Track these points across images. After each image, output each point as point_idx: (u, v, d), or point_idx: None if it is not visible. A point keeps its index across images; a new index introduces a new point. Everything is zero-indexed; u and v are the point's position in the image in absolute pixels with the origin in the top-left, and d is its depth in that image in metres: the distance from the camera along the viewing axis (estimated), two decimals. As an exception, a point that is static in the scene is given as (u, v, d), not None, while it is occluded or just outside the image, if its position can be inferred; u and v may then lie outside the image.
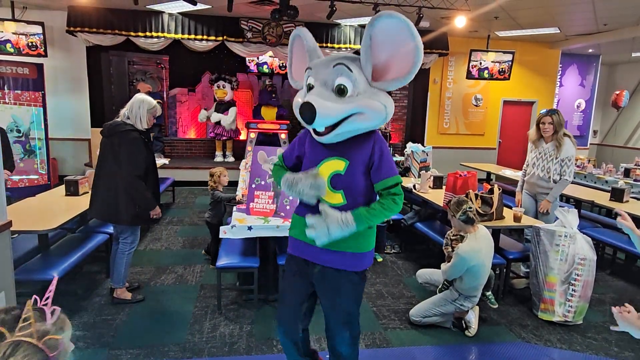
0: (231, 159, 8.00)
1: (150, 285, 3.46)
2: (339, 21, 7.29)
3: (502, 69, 8.04)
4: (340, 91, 1.66)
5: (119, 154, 2.82)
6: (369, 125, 1.73)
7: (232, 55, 7.70)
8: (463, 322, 2.93)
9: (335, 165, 1.75)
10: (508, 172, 6.06)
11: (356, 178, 1.75)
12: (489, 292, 2.99)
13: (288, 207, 3.07)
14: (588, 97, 9.84)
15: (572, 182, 6.12)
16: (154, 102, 3.01)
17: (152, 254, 4.18)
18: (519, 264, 3.84)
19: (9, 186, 5.66)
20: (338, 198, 1.75)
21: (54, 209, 3.30)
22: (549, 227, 3.14)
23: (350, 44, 7.55)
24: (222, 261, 3.02)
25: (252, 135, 7.44)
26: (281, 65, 8.62)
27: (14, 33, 6.41)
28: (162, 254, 4.19)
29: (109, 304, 3.12)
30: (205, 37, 7.15)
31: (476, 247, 2.77)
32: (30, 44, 6.53)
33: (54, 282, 0.95)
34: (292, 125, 7.88)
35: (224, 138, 7.86)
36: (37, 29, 6.54)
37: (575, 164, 6.82)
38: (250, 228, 2.89)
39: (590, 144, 10.21)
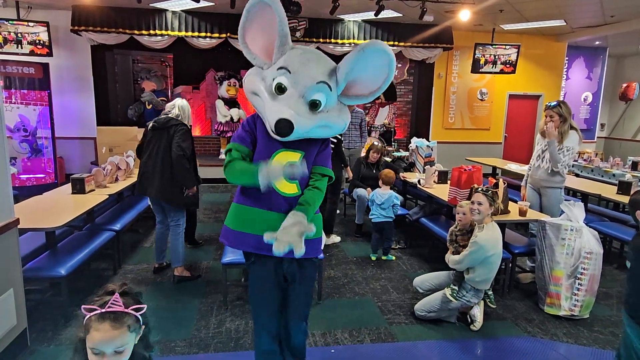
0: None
1: (157, 282, 3.49)
2: (342, 16, 7.26)
3: (507, 61, 7.98)
4: (314, 105, 1.69)
5: (172, 141, 3.30)
6: (326, 136, 1.84)
7: (236, 52, 7.69)
8: (468, 316, 2.92)
9: (289, 156, 1.76)
10: (514, 167, 6.03)
11: (308, 169, 1.81)
12: (490, 291, 2.96)
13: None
14: (595, 90, 9.73)
15: (579, 176, 6.11)
16: None
17: (158, 251, 4.21)
18: (525, 258, 3.82)
19: (16, 185, 5.72)
20: (293, 188, 1.77)
21: (61, 206, 3.33)
22: (554, 221, 3.12)
23: (354, 39, 7.52)
24: (227, 257, 3.03)
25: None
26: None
27: (19, 33, 6.46)
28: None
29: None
30: (208, 34, 7.16)
31: (494, 236, 2.77)
32: (35, 43, 6.58)
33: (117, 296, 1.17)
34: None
35: (229, 135, 7.88)
36: (42, 29, 6.59)
37: (582, 157, 6.78)
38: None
39: (598, 137, 10.11)
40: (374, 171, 4.78)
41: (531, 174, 3.84)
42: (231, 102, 7.77)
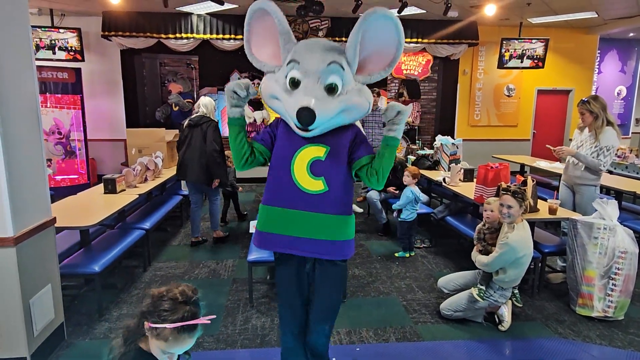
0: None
1: (184, 279, 3.58)
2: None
3: (535, 56, 7.76)
4: (331, 89, 1.66)
5: (206, 135, 4.00)
6: (353, 119, 1.77)
7: (259, 53, 7.77)
8: (495, 316, 2.87)
9: (314, 151, 1.73)
10: (543, 164, 5.86)
11: (337, 164, 1.74)
12: (516, 290, 2.89)
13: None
14: (629, 84, 9.35)
15: (613, 173, 5.88)
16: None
17: (186, 250, 4.31)
18: (555, 258, 3.72)
19: (51, 185, 5.96)
20: (319, 185, 1.72)
21: (94, 206, 3.45)
22: (587, 220, 3.02)
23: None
24: (253, 255, 3.08)
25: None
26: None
27: (52, 39, 6.74)
28: (195, 249, 4.32)
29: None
30: (233, 36, 7.26)
31: (525, 236, 2.71)
32: (68, 49, 6.85)
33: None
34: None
35: (252, 136, 7.97)
36: (74, 35, 6.85)
37: (616, 154, 6.53)
38: (279, 223, 2.93)
39: (632, 132, 9.70)
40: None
41: (564, 170, 3.73)
42: (255, 104, 7.86)
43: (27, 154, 2.29)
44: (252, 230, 2.98)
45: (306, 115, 1.59)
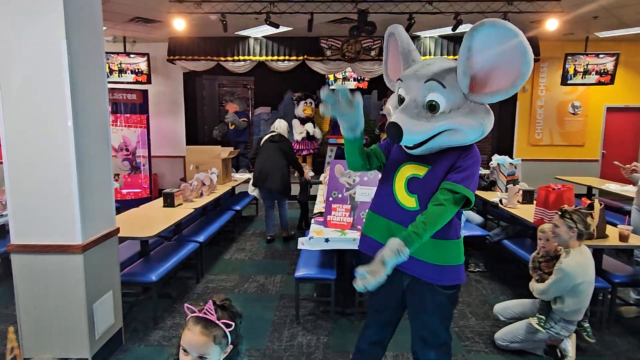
0: (311, 173, 8.22)
1: (234, 293, 3.66)
2: (418, 33, 7.20)
3: (603, 71, 7.28)
4: (432, 107, 1.60)
5: (285, 152, 4.94)
6: (463, 141, 1.64)
7: (312, 73, 7.96)
8: (557, 350, 2.65)
9: (415, 169, 1.71)
10: (613, 187, 5.41)
11: (432, 184, 1.66)
12: (587, 323, 2.66)
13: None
14: None
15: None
16: None
17: (236, 263, 4.42)
18: (628, 290, 3.39)
19: (118, 198, 6.40)
20: (412, 202, 1.70)
21: (154, 218, 3.65)
22: (664, 248, 2.74)
23: (430, 55, 7.39)
24: (300, 272, 3.09)
25: (331, 149, 7.58)
26: (359, 78, 8.70)
27: (123, 64, 7.36)
28: (245, 264, 4.42)
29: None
30: (287, 57, 7.51)
31: (582, 262, 2.50)
32: (136, 72, 7.43)
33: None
34: (371, 139, 7.87)
35: (304, 153, 8.11)
36: (143, 59, 7.42)
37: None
38: (327, 240, 2.94)
39: None
40: None
41: (637, 194, 3.43)
42: (307, 122, 8.02)
43: (97, 168, 2.49)
44: (300, 246, 3.00)
45: (392, 132, 1.57)
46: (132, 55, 7.45)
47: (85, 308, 2.37)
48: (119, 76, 7.41)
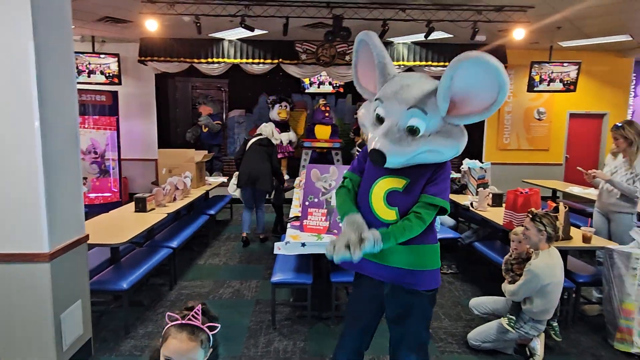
0: (286, 177, 8.20)
1: (209, 299, 3.60)
2: (391, 39, 7.32)
3: (567, 79, 7.61)
4: (413, 132, 1.64)
5: (271, 154, 5.07)
6: (440, 160, 1.72)
7: (287, 76, 7.96)
8: (527, 349, 2.74)
9: (393, 182, 1.74)
10: (576, 190, 5.66)
11: (413, 197, 1.73)
12: (555, 322, 2.77)
13: (341, 225, 3.08)
14: (668, 108, 9.00)
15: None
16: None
17: (211, 269, 4.36)
18: (591, 289, 3.55)
19: (85, 203, 6.19)
20: (391, 215, 1.73)
21: (125, 224, 3.55)
22: (623, 249, 2.88)
23: (403, 60, 7.54)
24: (276, 277, 3.08)
25: (306, 153, 7.58)
26: (334, 84, 8.77)
27: (92, 64, 7.14)
28: (220, 269, 4.36)
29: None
30: (262, 60, 7.48)
31: (550, 263, 2.61)
32: (107, 74, 7.23)
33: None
34: (345, 143, 7.94)
35: (280, 157, 8.07)
36: (113, 60, 7.23)
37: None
38: (303, 244, 2.94)
39: (673, 158, 9.27)
40: None
41: (599, 198, 3.60)
42: (282, 125, 8.00)
43: (65, 172, 2.41)
44: (276, 251, 2.99)
45: (376, 158, 1.62)
46: (102, 56, 7.25)
47: (52, 319, 2.28)
48: (88, 77, 7.19)
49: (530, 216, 2.68)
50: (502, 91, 1.53)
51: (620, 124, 3.38)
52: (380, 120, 1.71)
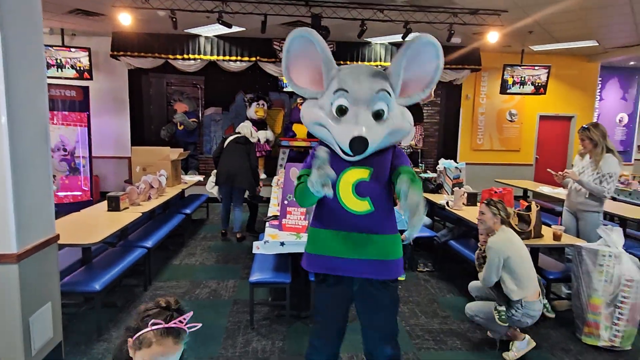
0: (263, 175, 8.14)
1: (185, 299, 3.54)
2: (369, 39, 7.38)
3: (537, 82, 7.86)
4: (378, 115, 1.70)
5: (249, 153, 5.09)
6: (395, 142, 1.82)
7: (265, 74, 7.90)
8: (511, 343, 2.79)
9: (359, 173, 1.75)
10: (546, 189, 5.86)
11: (381, 184, 1.76)
12: (545, 300, 2.84)
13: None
14: (631, 111, 9.42)
15: (617, 200, 5.87)
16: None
17: (187, 269, 4.28)
18: (560, 285, 3.68)
19: (55, 202, 5.97)
20: (365, 205, 1.74)
21: (97, 223, 3.45)
22: (591, 247, 3.00)
23: (380, 61, 7.61)
24: (254, 276, 3.06)
25: (284, 152, 7.55)
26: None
27: (62, 58, 6.88)
28: (196, 269, 4.29)
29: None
30: (239, 58, 7.39)
31: (505, 237, 2.72)
32: (77, 68, 6.98)
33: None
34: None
35: (257, 155, 8.01)
36: (84, 54, 6.99)
37: (619, 180, 6.52)
38: (282, 244, 2.93)
39: (635, 159, 9.71)
40: None
41: (568, 197, 3.72)
42: (259, 124, 7.93)
43: (34, 170, 2.31)
44: (255, 250, 2.96)
45: (359, 144, 1.62)
46: (72, 50, 7.00)
47: (20, 322, 2.18)
48: (57, 71, 6.93)
49: (485, 202, 2.83)
50: (438, 69, 1.73)
51: (586, 126, 3.52)
52: (342, 111, 1.71)
